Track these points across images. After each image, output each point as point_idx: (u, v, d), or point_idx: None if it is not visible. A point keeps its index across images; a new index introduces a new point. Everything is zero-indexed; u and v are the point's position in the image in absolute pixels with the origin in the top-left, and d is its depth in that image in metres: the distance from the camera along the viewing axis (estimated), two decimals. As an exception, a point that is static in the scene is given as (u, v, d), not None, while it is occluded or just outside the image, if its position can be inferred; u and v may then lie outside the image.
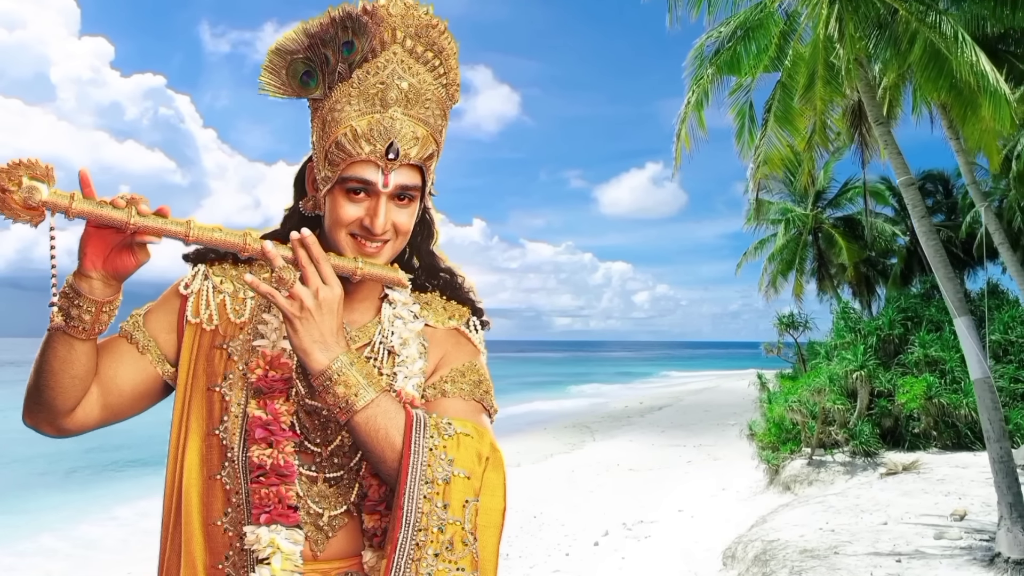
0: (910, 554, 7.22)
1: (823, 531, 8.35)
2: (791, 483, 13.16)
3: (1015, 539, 6.63)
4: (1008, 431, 13.06)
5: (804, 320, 17.96)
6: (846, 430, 13.68)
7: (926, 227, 7.57)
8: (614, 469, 17.94)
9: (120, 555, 10.22)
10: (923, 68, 7.80)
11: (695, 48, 9.97)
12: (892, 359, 15.51)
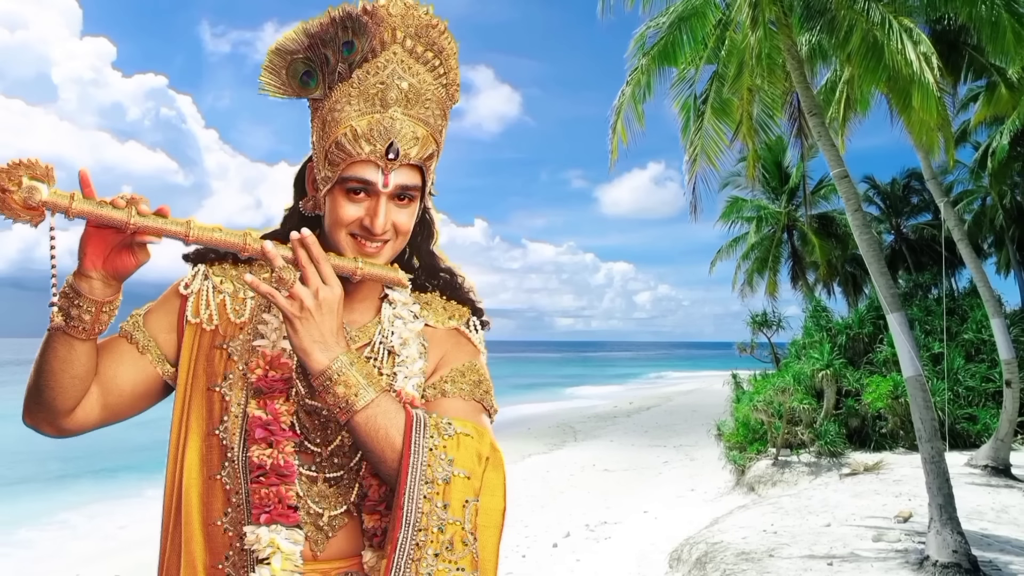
0: (844, 557, 7.20)
1: (766, 533, 8.33)
2: (755, 484, 13.14)
3: (943, 542, 6.58)
4: (976, 431, 13.05)
5: (777, 319, 17.91)
6: (812, 430, 13.64)
7: (859, 221, 7.50)
8: (589, 469, 17.92)
9: (60, 559, 10.23)
10: (862, 58, 7.70)
11: (636, 38, 9.74)
12: (861, 358, 15.46)
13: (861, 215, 7.55)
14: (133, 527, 11.77)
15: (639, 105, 9.62)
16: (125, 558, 9.65)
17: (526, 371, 66.01)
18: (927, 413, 6.98)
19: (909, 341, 7.13)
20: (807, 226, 21.33)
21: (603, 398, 40.54)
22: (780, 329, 17.57)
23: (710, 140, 9.47)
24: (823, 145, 7.75)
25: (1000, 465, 11.28)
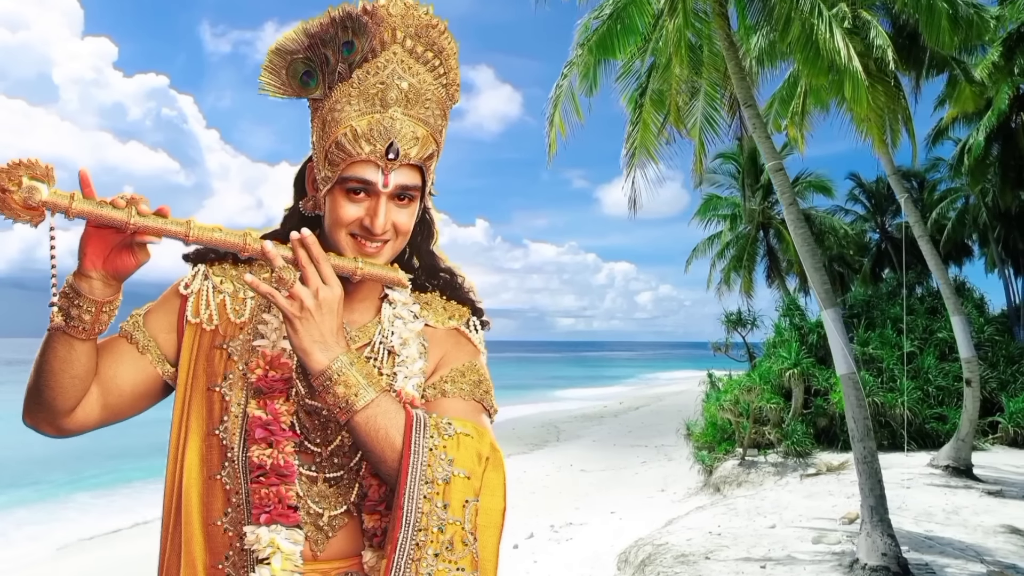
0: (780, 559, 7.14)
1: (711, 535, 8.28)
2: (721, 484, 13.09)
3: (873, 544, 6.50)
4: (946, 431, 12.95)
5: (752, 318, 17.80)
6: (779, 430, 13.57)
7: (794, 215, 7.40)
8: (565, 470, 17.87)
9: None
10: (801, 48, 7.60)
11: (579, 29, 9.40)
12: (832, 357, 15.36)
13: (796, 209, 7.47)
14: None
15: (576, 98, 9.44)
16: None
17: (521, 371, 65.90)
18: (859, 412, 6.90)
19: (842, 338, 7.06)
20: (781, 223, 21.22)
21: (595, 399, 40.48)
22: (755, 328, 17.48)
23: (649, 134, 9.34)
24: (758, 137, 7.66)
25: (961, 466, 11.19)
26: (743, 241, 21.60)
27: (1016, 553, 7.56)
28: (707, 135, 9.70)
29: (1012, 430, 14.14)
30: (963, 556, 7.33)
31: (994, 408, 14.89)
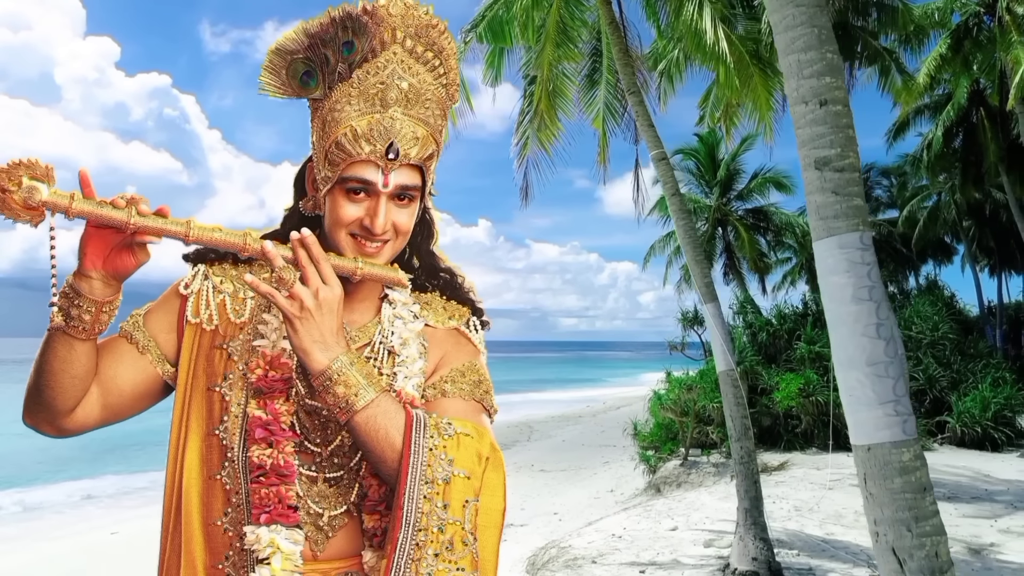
0: (662, 563, 6.99)
1: (613, 538, 8.13)
2: (662, 485, 12.93)
3: (744, 548, 6.32)
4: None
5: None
6: (721, 430, 13.37)
7: (676, 205, 7.25)
8: (525, 470, 17.73)
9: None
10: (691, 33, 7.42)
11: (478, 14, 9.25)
12: (782, 355, 15.16)
13: (679, 199, 7.30)
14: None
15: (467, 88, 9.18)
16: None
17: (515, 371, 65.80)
18: (737, 411, 6.73)
19: (722, 334, 6.88)
20: (741, 221, 21.01)
21: (581, 399, 40.29)
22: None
23: (542, 123, 9.11)
24: (641, 126, 7.51)
25: (892, 466, 10.98)
26: (701, 238, 21.38)
27: (911, 557, 7.36)
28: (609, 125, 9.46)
29: (959, 430, 13.90)
30: (852, 560, 7.15)
31: (943, 408, 14.65)
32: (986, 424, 13.72)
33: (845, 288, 3.22)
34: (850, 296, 3.21)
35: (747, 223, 21.24)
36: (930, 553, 3.05)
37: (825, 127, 3.28)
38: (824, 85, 3.30)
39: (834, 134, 3.28)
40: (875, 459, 3.21)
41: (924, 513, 3.11)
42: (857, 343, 3.21)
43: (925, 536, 3.07)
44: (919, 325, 15.84)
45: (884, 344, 3.15)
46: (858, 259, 3.21)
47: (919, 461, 3.18)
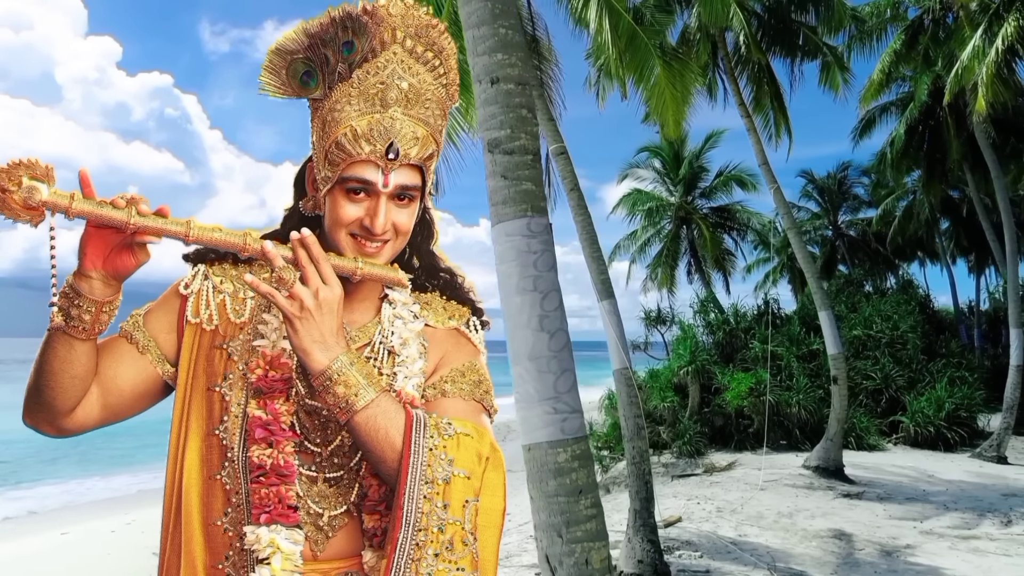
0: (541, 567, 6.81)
1: (529, 539, 7.98)
2: (611, 485, 12.75)
3: (631, 550, 6.16)
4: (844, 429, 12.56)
5: (671, 315, 17.38)
6: (673, 430, 13.21)
7: (575, 200, 7.11)
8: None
9: None
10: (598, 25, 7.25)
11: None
12: (739, 354, 14.98)
13: (578, 194, 7.14)
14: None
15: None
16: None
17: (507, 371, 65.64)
18: (631, 410, 6.59)
19: (616, 331, 6.73)
20: (704, 220, 20.83)
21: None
22: (675, 325, 17.05)
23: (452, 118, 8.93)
24: (540, 119, 7.32)
25: (831, 466, 10.84)
26: (666, 237, 21.20)
27: (818, 560, 7.25)
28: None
29: (913, 430, 13.71)
30: (755, 562, 6.99)
31: (899, 408, 14.46)
32: (939, 424, 13.54)
33: (511, 278, 3.03)
34: (514, 286, 3.02)
35: (711, 221, 21.07)
36: (579, 560, 2.88)
37: (496, 107, 3.07)
38: (496, 62, 3.08)
39: (504, 114, 3.07)
40: (534, 460, 3.03)
41: (577, 518, 2.94)
42: (521, 336, 3.01)
43: (576, 542, 2.91)
44: (879, 324, 15.66)
45: (548, 337, 2.97)
46: (524, 247, 3.02)
47: (578, 462, 2.99)
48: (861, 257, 26.06)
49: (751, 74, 11.80)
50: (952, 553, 7.61)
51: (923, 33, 14.07)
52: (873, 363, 15.01)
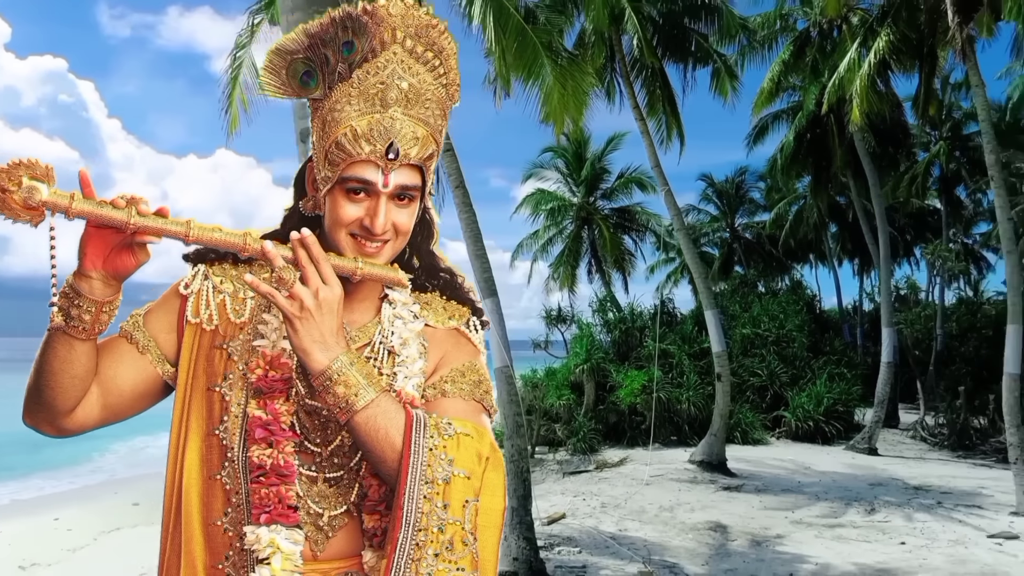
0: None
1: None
2: (504, 484, 12.76)
3: (507, 548, 6.17)
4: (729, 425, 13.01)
5: (571, 314, 17.69)
6: (568, 427, 13.39)
7: (460, 197, 7.09)
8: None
9: None
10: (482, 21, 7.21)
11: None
12: (634, 352, 15.36)
13: (463, 191, 7.17)
14: None
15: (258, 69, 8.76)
16: None
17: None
18: (511, 408, 6.63)
19: (499, 330, 6.75)
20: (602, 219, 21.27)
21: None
22: (575, 324, 17.33)
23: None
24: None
25: (714, 460, 11.25)
26: (568, 237, 21.54)
27: (692, 551, 7.48)
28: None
29: (794, 424, 14.40)
30: (630, 556, 7.13)
31: (782, 403, 15.15)
32: (818, 418, 14.26)
33: None
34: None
35: (612, 222, 21.50)
36: None
37: None
38: None
39: None
40: None
41: None
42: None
43: None
44: (767, 323, 16.36)
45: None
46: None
47: None
48: (756, 259, 27.14)
49: (646, 78, 12.11)
50: (818, 541, 8.01)
51: (810, 45, 14.78)
52: (760, 360, 15.68)
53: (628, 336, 15.52)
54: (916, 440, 15.53)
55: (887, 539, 8.23)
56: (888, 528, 8.70)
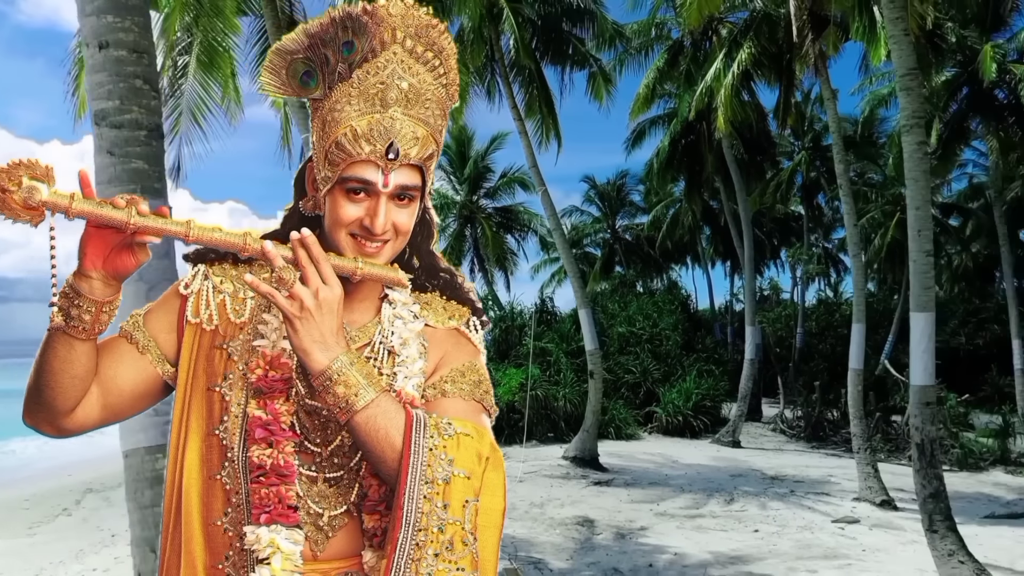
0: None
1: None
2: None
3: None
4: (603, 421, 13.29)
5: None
6: (442, 426, 13.33)
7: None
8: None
9: None
10: None
11: None
12: (514, 350, 15.53)
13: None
14: None
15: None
16: None
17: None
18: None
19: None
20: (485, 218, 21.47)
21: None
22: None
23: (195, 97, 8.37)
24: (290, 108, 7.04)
25: (587, 456, 11.51)
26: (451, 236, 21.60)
27: (558, 546, 7.60)
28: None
29: (665, 419, 14.97)
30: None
31: (654, 399, 15.72)
32: (687, 413, 14.88)
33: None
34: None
35: (495, 221, 21.70)
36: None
37: (104, 74, 2.84)
38: (105, 25, 2.82)
39: (113, 83, 2.85)
40: (131, 468, 2.81)
41: None
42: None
43: None
44: (641, 322, 16.92)
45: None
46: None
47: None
48: (635, 259, 28.10)
49: (524, 79, 12.26)
50: (678, 532, 8.33)
51: (683, 54, 15.38)
52: (634, 358, 16.19)
53: (508, 335, 15.70)
54: (776, 433, 16.48)
55: (742, 527, 8.65)
56: (744, 517, 9.15)
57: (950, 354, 21.12)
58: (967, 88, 15.25)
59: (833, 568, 7.14)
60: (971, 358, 21.16)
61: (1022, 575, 7.12)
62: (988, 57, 13.87)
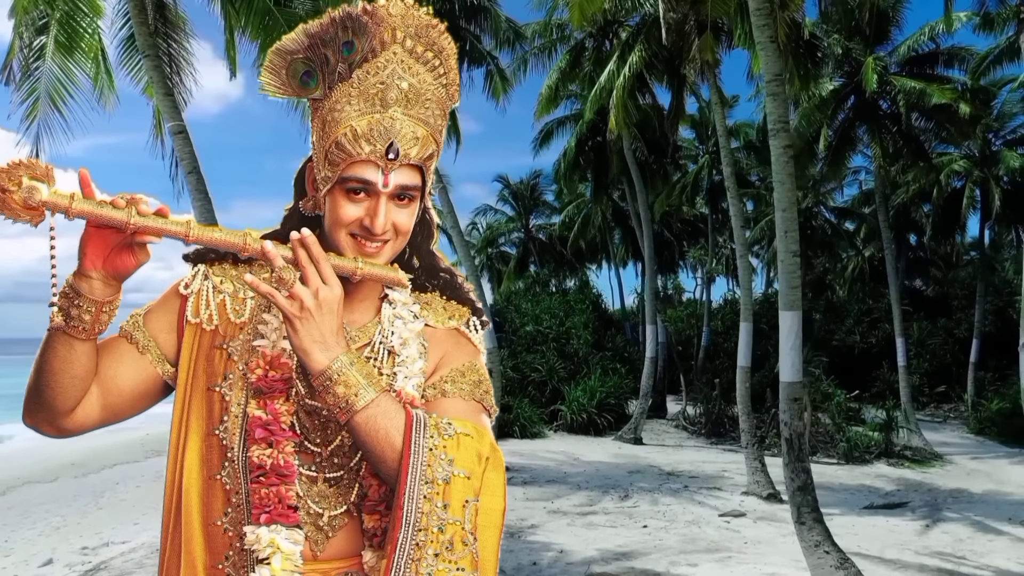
0: None
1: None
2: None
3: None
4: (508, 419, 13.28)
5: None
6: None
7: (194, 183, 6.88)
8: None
9: None
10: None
11: None
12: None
13: (196, 177, 6.76)
14: None
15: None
16: None
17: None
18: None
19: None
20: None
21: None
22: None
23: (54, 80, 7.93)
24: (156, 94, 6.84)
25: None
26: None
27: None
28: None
29: (570, 417, 15.13)
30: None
31: (560, 398, 15.87)
32: (591, 411, 15.08)
33: None
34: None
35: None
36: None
37: None
38: None
39: None
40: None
41: None
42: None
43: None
44: (548, 321, 17.06)
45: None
46: None
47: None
48: (549, 259, 28.37)
49: (423, 75, 12.07)
50: (568, 529, 8.38)
51: (585, 55, 15.58)
52: (540, 357, 16.30)
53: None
54: (678, 429, 16.90)
55: (632, 523, 8.78)
56: (636, 513, 9.29)
57: (845, 352, 22.10)
58: (853, 97, 15.94)
59: (713, 561, 7.30)
60: (864, 356, 22.22)
61: (890, 563, 7.46)
62: (870, 68, 14.56)
